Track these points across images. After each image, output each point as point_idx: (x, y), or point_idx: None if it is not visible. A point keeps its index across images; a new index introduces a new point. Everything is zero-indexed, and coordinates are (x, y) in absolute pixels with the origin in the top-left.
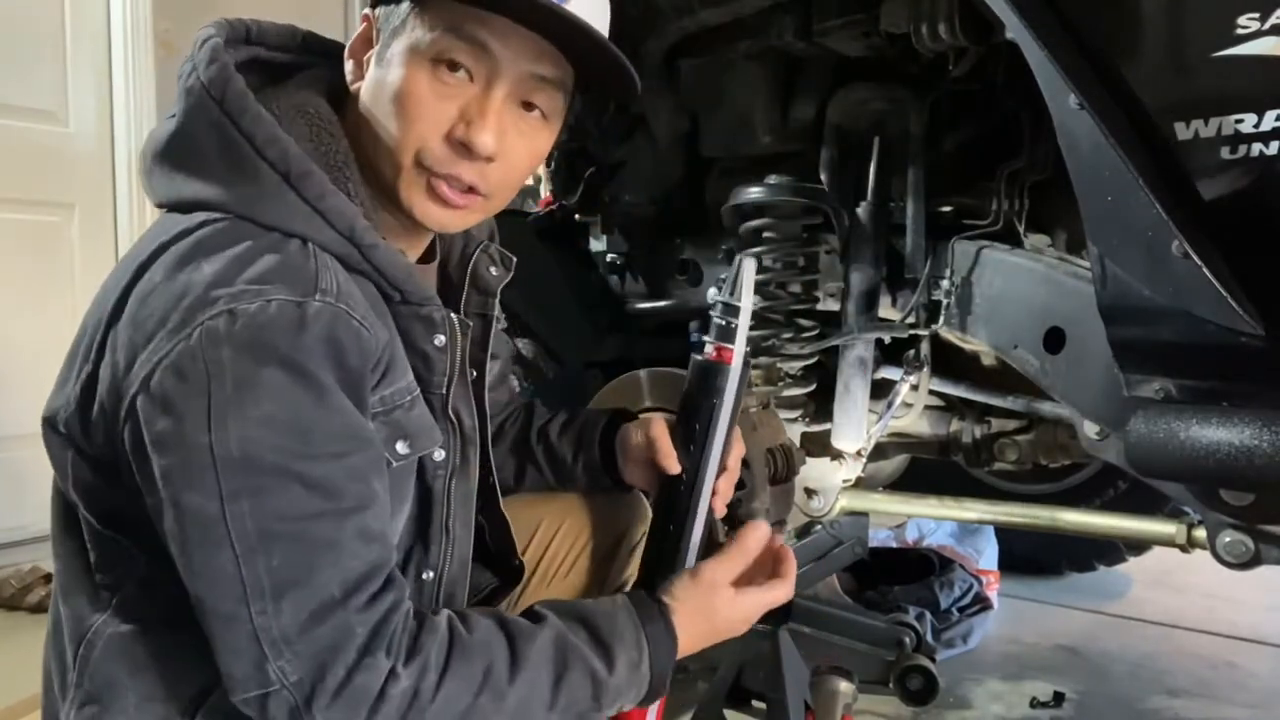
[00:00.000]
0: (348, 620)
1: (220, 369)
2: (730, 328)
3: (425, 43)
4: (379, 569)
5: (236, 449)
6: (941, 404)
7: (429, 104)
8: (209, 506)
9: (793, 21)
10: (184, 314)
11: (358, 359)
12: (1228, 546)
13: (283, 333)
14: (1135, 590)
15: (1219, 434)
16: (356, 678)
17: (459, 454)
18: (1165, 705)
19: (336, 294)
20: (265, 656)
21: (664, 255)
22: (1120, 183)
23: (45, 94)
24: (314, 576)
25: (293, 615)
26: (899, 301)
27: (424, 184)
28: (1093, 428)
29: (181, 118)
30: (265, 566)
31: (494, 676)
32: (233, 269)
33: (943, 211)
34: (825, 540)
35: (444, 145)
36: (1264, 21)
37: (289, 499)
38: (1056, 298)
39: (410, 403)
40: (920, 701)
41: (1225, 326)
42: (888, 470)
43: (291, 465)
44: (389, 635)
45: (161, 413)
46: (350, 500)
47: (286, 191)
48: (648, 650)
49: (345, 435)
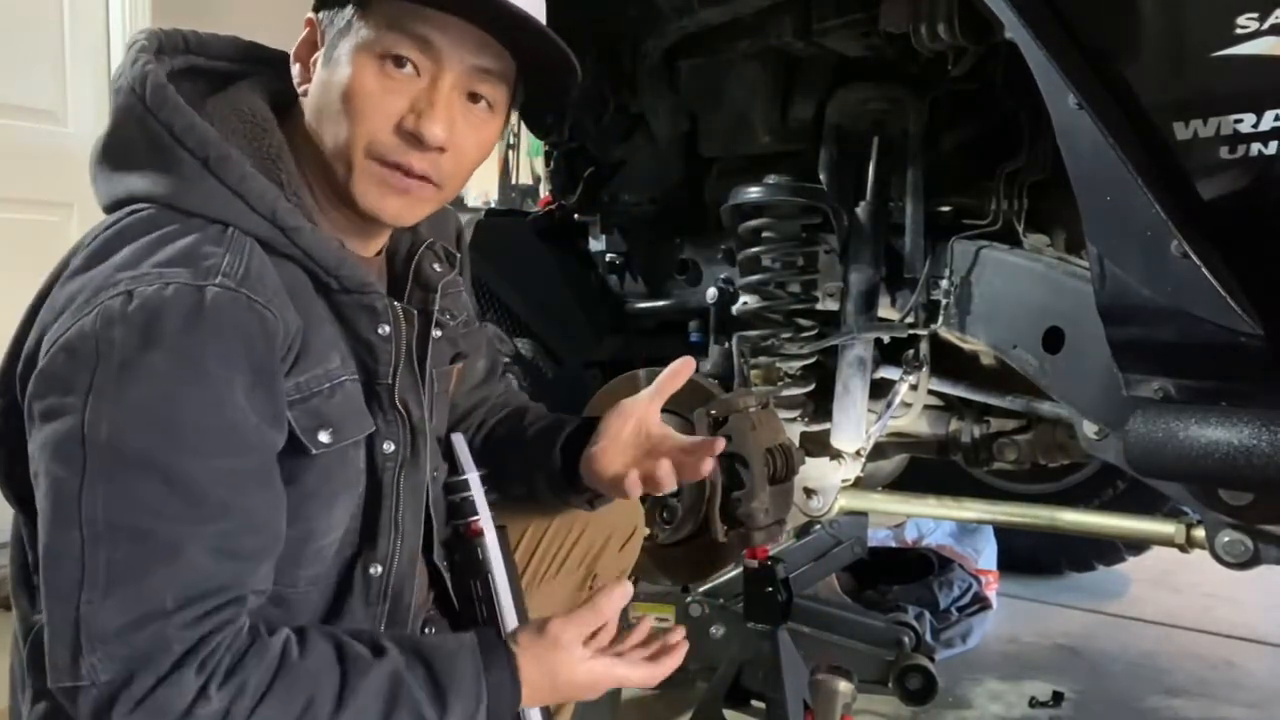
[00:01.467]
0: (166, 633)
1: (110, 348)
2: (468, 501)
3: (371, 40)
4: (224, 589)
5: (106, 430)
6: (940, 404)
7: (378, 98)
8: (70, 483)
9: (792, 21)
10: (88, 295)
11: (262, 345)
12: (1226, 546)
13: (175, 316)
14: (1134, 590)
15: (1218, 434)
16: (160, 691)
17: (408, 446)
18: (1164, 704)
19: (240, 278)
20: (80, 649)
21: (663, 255)
22: (1119, 182)
23: (44, 93)
24: (147, 580)
25: (115, 614)
26: (898, 301)
27: (376, 175)
28: (1092, 427)
29: (112, 119)
30: (105, 558)
31: (315, 709)
32: (143, 253)
33: (942, 211)
34: (824, 540)
35: (394, 136)
36: (1263, 21)
37: (145, 492)
38: (1055, 297)
39: (330, 390)
40: (919, 701)
41: (1224, 326)
42: (887, 470)
43: (156, 456)
44: (206, 653)
45: (49, 387)
46: (210, 508)
47: (206, 177)
48: (486, 701)
49: (225, 433)
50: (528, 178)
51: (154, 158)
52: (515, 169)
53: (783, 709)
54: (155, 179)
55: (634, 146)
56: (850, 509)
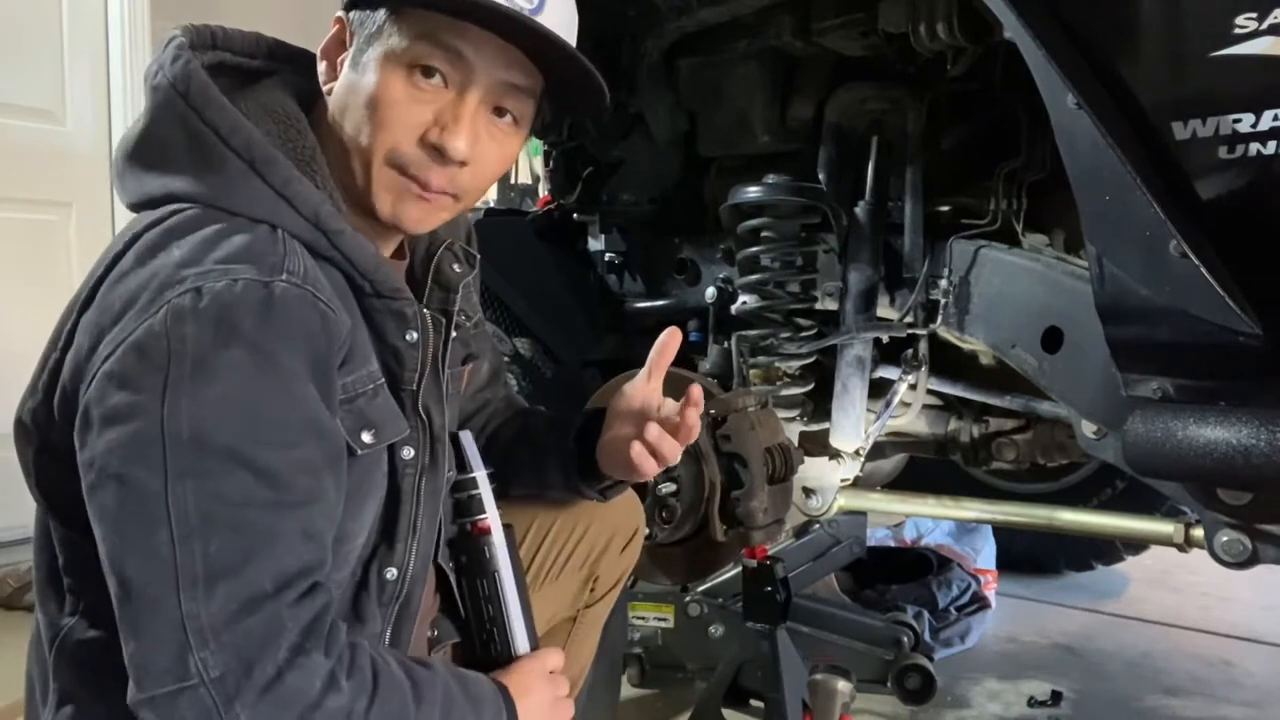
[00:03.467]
0: (279, 613)
1: (182, 345)
2: (475, 499)
3: (401, 49)
4: (312, 570)
5: (188, 427)
6: (939, 403)
7: (404, 108)
8: (153, 483)
9: (791, 21)
10: (153, 293)
11: (324, 342)
12: (1225, 546)
13: (248, 312)
14: (1133, 589)
15: (1216, 433)
16: (289, 676)
17: (428, 452)
18: (1162, 704)
19: (303, 276)
20: (189, 646)
21: (662, 254)
22: (1118, 182)
23: (43, 93)
24: (249, 566)
25: (223, 604)
26: (897, 301)
27: (395, 184)
28: (1090, 427)
29: (149, 116)
30: (202, 551)
31: (406, 714)
32: (201, 250)
33: (941, 211)
34: (823, 539)
35: (417, 148)
36: (1261, 21)
37: (234, 484)
38: (1054, 297)
39: (373, 391)
40: (918, 700)
41: (1223, 326)
42: (886, 469)
43: (242, 449)
44: (323, 635)
45: (118, 388)
46: (297, 493)
47: (252, 178)
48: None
49: (301, 424)
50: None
51: (198, 157)
52: (514, 168)
53: (781, 708)
54: (198, 179)
55: (633, 146)
56: (849, 508)
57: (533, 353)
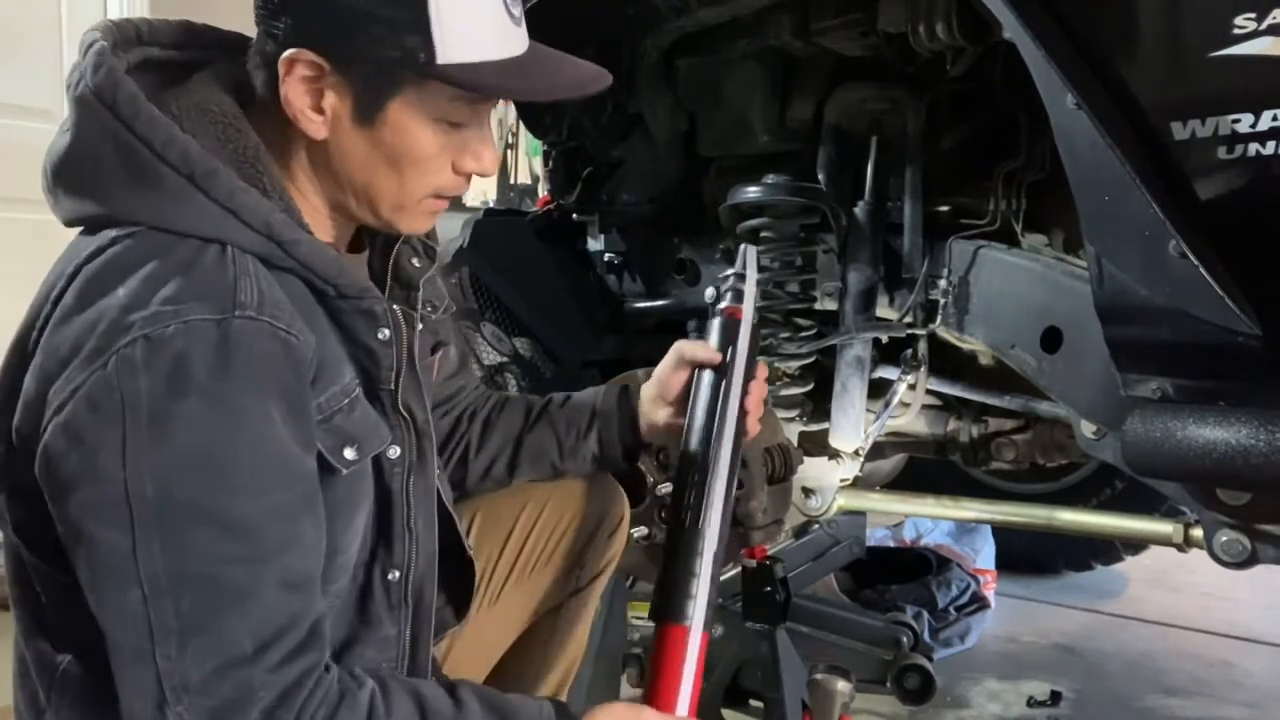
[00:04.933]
0: (251, 679)
1: (136, 400)
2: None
3: (433, 107)
4: (298, 621)
5: (150, 485)
6: (939, 403)
7: (442, 156)
8: (121, 543)
9: (790, 21)
10: (98, 341)
11: (290, 373)
12: (1224, 546)
13: (201, 359)
14: (1132, 589)
15: (1215, 433)
16: None
17: (414, 449)
18: (1161, 704)
19: (258, 305)
20: (165, 700)
21: (661, 254)
22: (1117, 182)
23: (42, 93)
24: (222, 626)
25: (196, 664)
26: (896, 301)
27: (429, 209)
28: (1090, 427)
29: (74, 130)
30: (174, 610)
31: None
32: (146, 289)
33: (940, 211)
34: (823, 539)
35: (455, 178)
36: (1260, 21)
37: (203, 541)
38: (1054, 297)
39: (349, 405)
40: (917, 700)
41: (1222, 326)
42: (885, 469)
43: (207, 504)
44: (300, 702)
45: (74, 445)
46: (271, 544)
47: (194, 194)
48: None
49: (271, 468)
50: (526, 177)
51: (131, 174)
52: (514, 169)
53: (781, 709)
54: (137, 199)
55: (632, 146)
56: (848, 508)
57: (532, 353)
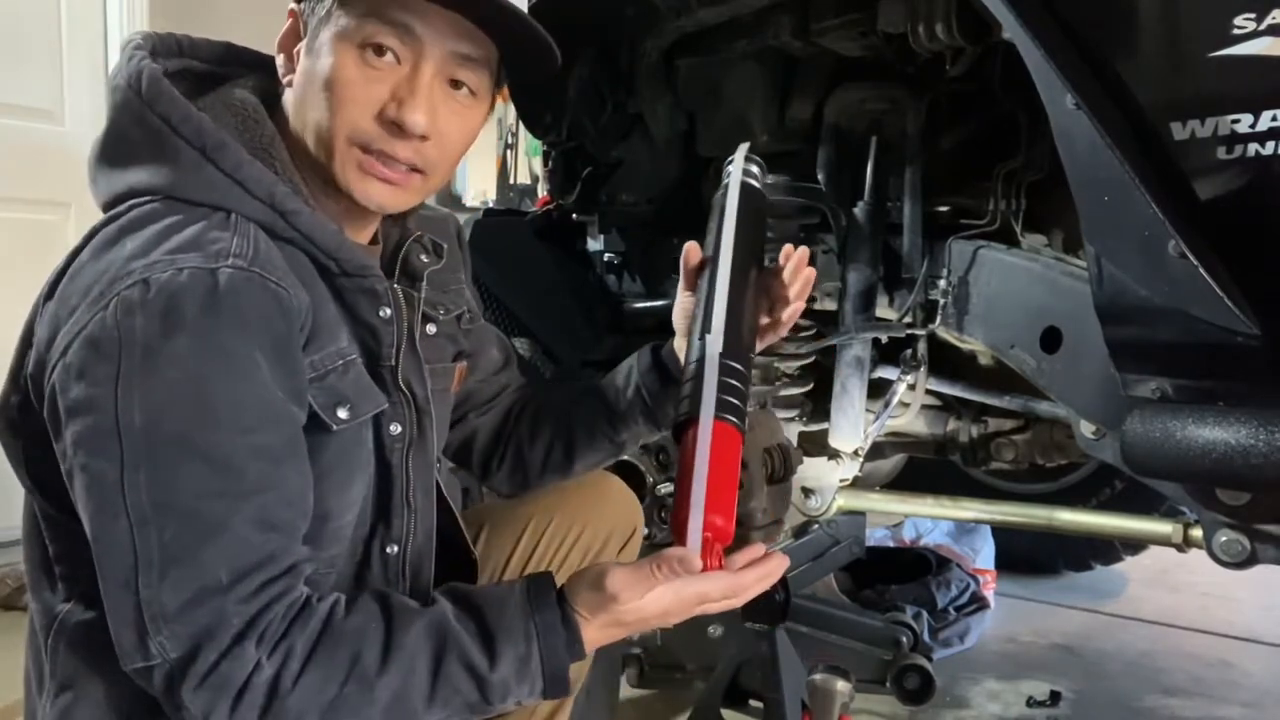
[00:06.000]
0: (224, 607)
1: (131, 336)
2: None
3: (351, 29)
4: (276, 559)
5: (139, 417)
6: (938, 403)
7: (359, 86)
8: (110, 473)
9: (790, 21)
10: (103, 286)
11: (281, 322)
12: (1224, 546)
13: (193, 300)
14: (1131, 589)
15: (1215, 433)
16: (223, 665)
17: (414, 425)
18: (1161, 704)
19: (250, 258)
20: (147, 630)
21: (661, 255)
22: (1117, 183)
23: (41, 93)
24: (200, 557)
25: (174, 594)
26: (896, 301)
27: (358, 161)
28: (1089, 427)
29: (110, 117)
30: (156, 540)
31: (361, 665)
32: (152, 243)
33: (940, 211)
34: (822, 539)
35: (376, 125)
36: (1260, 22)
37: (186, 473)
38: (1053, 297)
39: (344, 367)
40: (917, 701)
41: (1221, 326)
42: (885, 469)
43: (193, 438)
44: (264, 625)
45: (75, 380)
46: (250, 482)
47: (205, 165)
48: (537, 644)
49: (255, 410)
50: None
51: (153, 150)
52: (513, 169)
53: (780, 709)
54: (155, 171)
55: (632, 146)
56: (848, 508)
57: (532, 353)
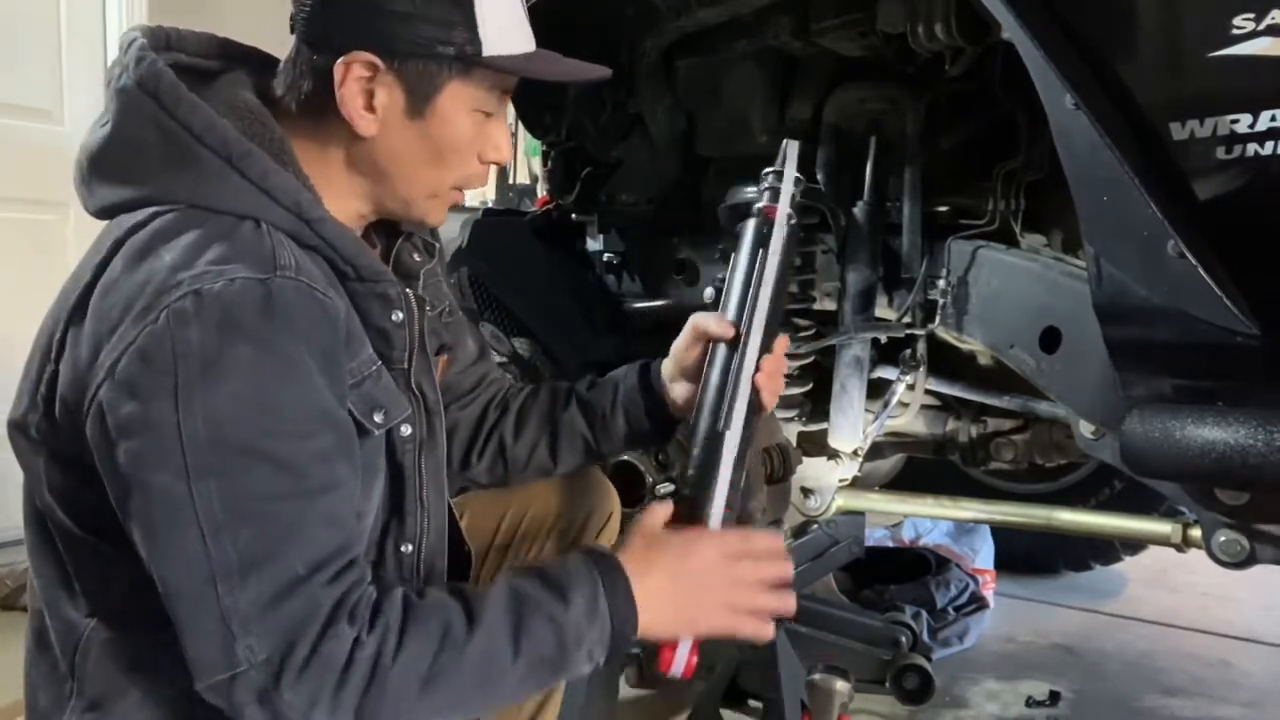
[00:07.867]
0: (313, 594)
1: (187, 349)
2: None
3: (478, 99)
4: (342, 551)
5: (203, 427)
6: (938, 403)
7: (475, 145)
8: (176, 486)
9: (790, 21)
10: (149, 299)
11: (329, 331)
12: (1223, 546)
13: (249, 310)
14: (1131, 589)
15: (1214, 433)
16: (323, 648)
17: (425, 426)
18: (1161, 704)
19: (296, 269)
20: (233, 636)
21: (661, 255)
22: (1116, 183)
23: (41, 92)
24: (279, 556)
25: (259, 592)
26: (895, 301)
27: (451, 199)
28: (1088, 427)
29: (115, 120)
30: (232, 545)
31: (452, 632)
32: (192, 253)
33: (939, 211)
34: (822, 539)
35: (479, 167)
36: (1259, 21)
37: (255, 478)
38: (1052, 297)
39: (376, 373)
40: (916, 701)
41: (1220, 326)
42: (884, 469)
43: (258, 444)
44: (351, 606)
45: (128, 397)
46: (316, 482)
47: (230, 174)
48: (602, 586)
49: (313, 415)
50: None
51: (173, 158)
52: (513, 169)
53: (780, 709)
54: (177, 181)
55: (631, 146)
56: (847, 508)
57: (531, 353)
